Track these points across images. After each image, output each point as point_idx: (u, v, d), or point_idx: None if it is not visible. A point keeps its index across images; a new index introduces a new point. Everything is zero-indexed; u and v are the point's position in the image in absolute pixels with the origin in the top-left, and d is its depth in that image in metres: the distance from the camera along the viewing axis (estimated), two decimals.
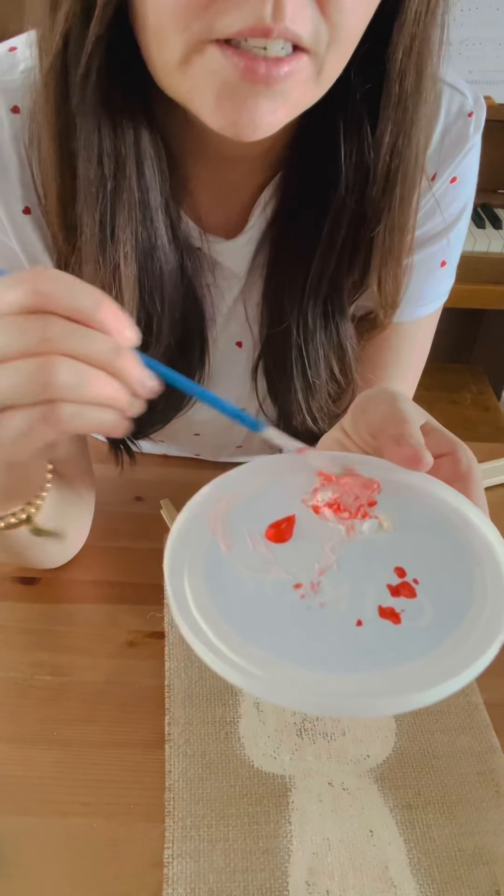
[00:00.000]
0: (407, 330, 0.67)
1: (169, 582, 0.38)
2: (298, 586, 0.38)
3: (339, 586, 0.38)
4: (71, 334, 0.36)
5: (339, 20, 0.40)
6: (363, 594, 0.38)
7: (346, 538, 0.41)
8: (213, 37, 0.39)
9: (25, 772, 0.52)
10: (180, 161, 0.54)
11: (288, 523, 0.41)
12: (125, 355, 0.38)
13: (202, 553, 0.40)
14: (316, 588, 0.38)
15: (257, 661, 0.34)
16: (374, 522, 0.41)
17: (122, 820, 0.49)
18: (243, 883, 0.46)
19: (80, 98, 0.46)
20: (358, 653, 0.35)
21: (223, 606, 0.37)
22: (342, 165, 0.52)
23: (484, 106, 0.59)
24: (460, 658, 0.34)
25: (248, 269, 0.61)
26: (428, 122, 0.52)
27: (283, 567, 0.39)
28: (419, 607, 0.37)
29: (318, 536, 0.41)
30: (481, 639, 0.35)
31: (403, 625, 0.36)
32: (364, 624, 0.36)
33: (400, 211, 0.54)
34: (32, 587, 0.65)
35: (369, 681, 0.34)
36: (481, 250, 1.59)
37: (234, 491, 0.43)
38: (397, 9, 0.45)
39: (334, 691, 0.33)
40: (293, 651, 0.35)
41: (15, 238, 0.56)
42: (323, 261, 0.56)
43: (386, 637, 0.36)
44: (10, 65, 0.53)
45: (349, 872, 0.47)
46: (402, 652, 0.35)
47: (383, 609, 0.37)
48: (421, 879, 0.47)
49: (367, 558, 0.40)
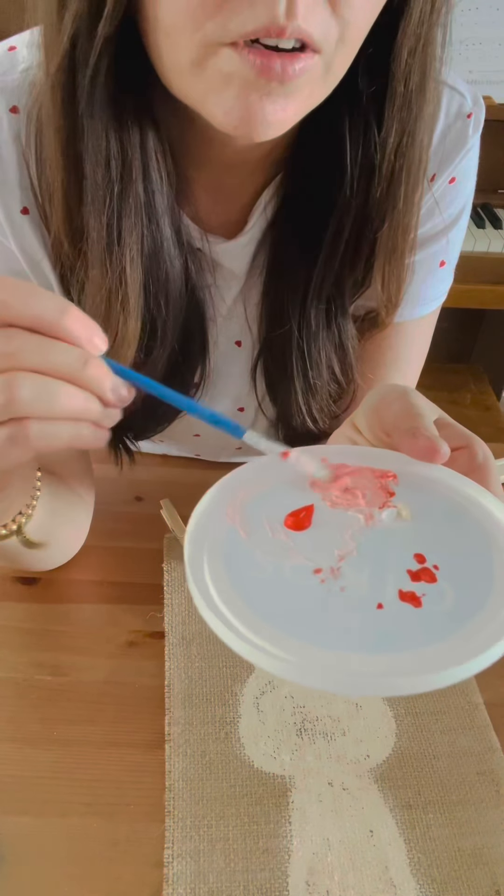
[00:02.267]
0: (406, 329, 0.67)
1: (189, 568, 0.37)
2: (318, 571, 0.38)
3: (359, 572, 0.38)
4: (33, 347, 0.35)
5: (349, 17, 0.40)
6: (383, 579, 0.38)
7: (366, 526, 0.41)
8: (228, 39, 0.39)
9: (25, 772, 0.52)
10: (181, 162, 0.54)
11: (307, 512, 0.41)
12: (93, 364, 0.36)
13: (221, 540, 0.39)
14: (336, 573, 0.38)
15: (283, 644, 0.34)
16: (393, 511, 0.41)
17: (122, 820, 0.49)
18: (243, 883, 0.46)
19: (88, 100, 0.45)
20: (381, 634, 0.35)
21: (244, 591, 0.37)
22: (347, 166, 0.52)
23: (483, 106, 0.59)
24: (487, 637, 0.34)
25: (248, 270, 0.61)
26: (431, 122, 0.52)
27: (302, 553, 0.39)
28: (440, 592, 0.37)
29: (338, 525, 0.41)
30: (497, 629, 0.35)
31: (425, 608, 0.36)
32: (385, 607, 0.36)
33: (404, 210, 0.54)
34: (32, 587, 0.65)
35: (398, 660, 0.34)
36: (481, 250, 1.59)
37: (251, 483, 0.43)
38: (403, 10, 0.45)
39: (363, 671, 0.33)
40: (316, 633, 0.35)
41: (13, 238, 0.56)
42: (327, 261, 0.56)
43: (408, 619, 0.36)
44: (10, 65, 0.53)
45: (349, 872, 0.47)
46: (426, 633, 0.35)
47: (404, 593, 0.37)
48: (421, 879, 0.47)
49: (387, 545, 0.40)
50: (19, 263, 0.57)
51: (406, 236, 0.56)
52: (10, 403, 0.35)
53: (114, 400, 0.38)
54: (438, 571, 0.38)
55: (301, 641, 0.34)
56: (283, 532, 0.40)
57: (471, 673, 0.33)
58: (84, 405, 0.37)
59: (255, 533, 0.40)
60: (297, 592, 0.37)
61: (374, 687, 0.34)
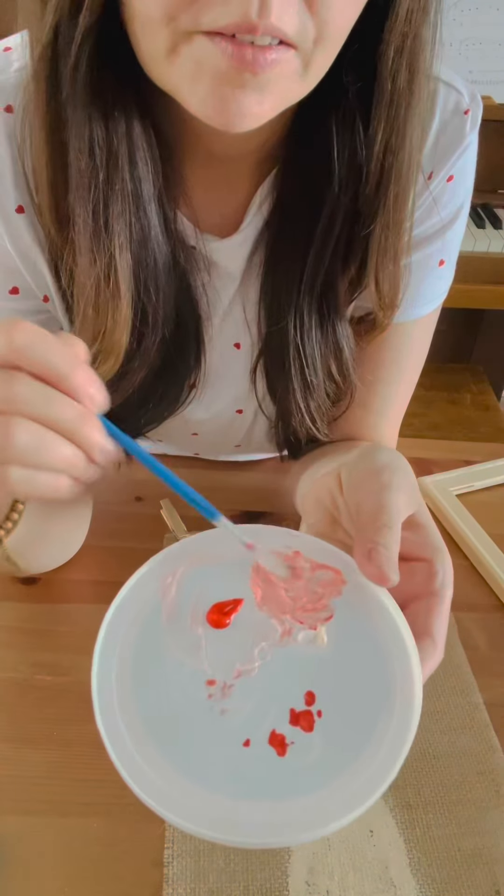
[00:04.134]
0: (406, 329, 0.66)
1: (100, 649, 0.39)
2: (211, 683, 0.39)
3: (246, 698, 0.38)
4: (37, 397, 0.36)
5: (326, 17, 0.40)
6: (265, 712, 0.38)
7: (279, 642, 0.40)
8: (200, 29, 0.39)
9: (25, 772, 0.52)
10: (174, 159, 0.54)
11: (233, 607, 0.41)
12: (90, 423, 0.37)
13: (143, 619, 0.41)
14: (226, 691, 0.39)
15: (151, 761, 0.36)
16: (311, 634, 0.41)
17: (121, 820, 0.49)
18: (243, 883, 0.46)
19: (71, 89, 0.46)
20: (235, 775, 0.36)
21: (141, 695, 0.38)
22: (335, 163, 0.52)
23: (480, 104, 0.59)
24: (321, 815, 0.34)
25: (245, 269, 0.61)
26: (422, 121, 0.52)
27: (207, 658, 0.40)
28: (309, 744, 0.37)
29: (253, 633, 0.41)
30: (351, 797, 0.35)
31: (287, 758, 0.36)
32: (251, 746, 0.37)
33: (395, 209, 0.53)
34: (32, 587, 0.65)
35: (235, 807, 0.35)
36: (481, 250, 1.59)
37: (200, 554, 0.43)
38: (388, 7, 0.45)
39: (201, 811, 0.35)
40: (182, 760, 0.36)
41: (7, 237, 0.56)
42: (317, 259, 0.56)
43: (265, 767, 0.36)
44: (5, 64, 0.53)
45: (349, 872, 0.47)
46: (275, 787, 0.35)
47: (275, 735, 0.37)
48: (421, 879, 0.47)
49: (287, 673, 0.39)
50: (13, 261, 0.57)
51: (399, 236, 0.55)
52: (3, 449, 0.35)
53: (99, 457, 0.39)
54: (319, 719, 0.38)
55: (166, 762, 0.36)
56: (202, 625, 0.41)
57: (287, 843, 0.35)
58: (71, 460, 0.38)
59: (176, 619, 0.41)
60: (184, 705, 0.38)
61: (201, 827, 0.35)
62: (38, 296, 0.60)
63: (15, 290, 0.59)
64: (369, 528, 0.42)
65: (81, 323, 0.54)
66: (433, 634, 0.42)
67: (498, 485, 0.82)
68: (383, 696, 0.38)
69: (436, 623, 0.42)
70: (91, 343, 0.54)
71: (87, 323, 0.54)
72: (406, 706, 0.37)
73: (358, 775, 0.35)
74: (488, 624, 0.66)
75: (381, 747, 0.36)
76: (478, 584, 0.70)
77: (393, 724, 0.37)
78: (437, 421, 1.60)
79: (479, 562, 0.71)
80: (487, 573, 0.70)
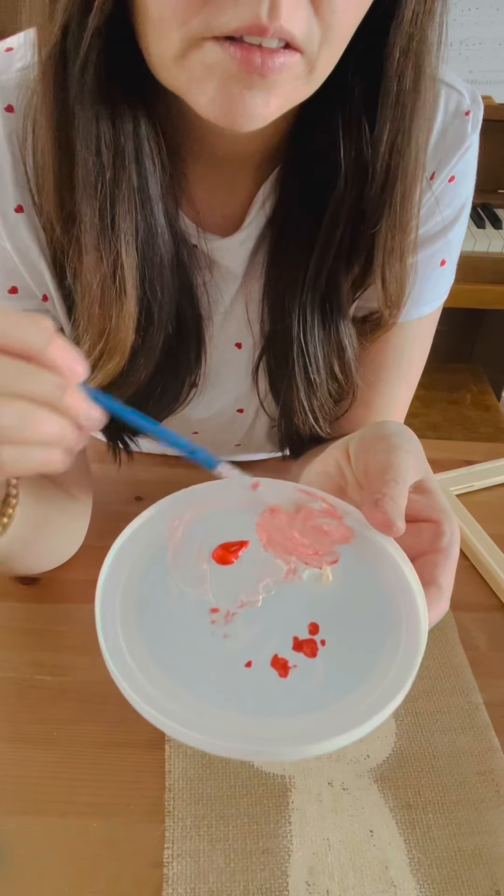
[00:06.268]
0: (408, 329, 0.67)
1: (105, 577, 0.39)
2: (215, 611, 0.39)
3: (250, 625, 0.39)
4: (15, 374, 0.36)
5: (332, 20, 0.41)
6: (268, 638, 0.38)
7: (283, 579, 0.41)
8: (211, 34, 0.39)
9: (25, 772, 0.52)
10: (177, 158, 0.54)
11: (238, 547, 0.42)
12: (71, 392, 0.38)
13: (148, 555, 0.41)
14: (229, 618, 0.39)
15: (155, 681, 0.36)
16: (316, 572, 0.41)
17: (122, 820, 0.49)
18: (243, 883, 0.46)
19: (78, 89, 0.46)
20: (235, 691, 0.36)
21: (143, 618, 0.38)
22: (341, 162, 0.52)
23: (481, 104, 0.59)
24: (321, 730, 0.34)
25: (247, 268, 0.61)
26: (427, 122, 0.52)
27: (211, 588, 0.40)
28: (311, 669, 0.37)
29: (259, 570, 0.41)
30: (349, 721, 0.35)
31: (289, 680, 0.37)
32: (252, 667, 0.37)
33: (401, 209, 0.54)
34: (32, 587, 0.65)
35: (236, 721, 0.35)
36: (481, 250, 1.59)
37: (208, 501, 0.43)
38: (394, 8, 0.45)
39: (203, 723, 0.35)
40: (184, 676, 0.36)
41: (7, 236, 0.56)
42: (320, 258, 0.56)
43: (266, 685, 0.36)
44: (6, 64, 0.53)
45: (349, 872, 0.47)
46: (277, 703, 0.36)
47: (277, 658, 0.37)
48: (421, 879, 0.47)
49: (291, 605, 0.40)
50: (12, 261, 0.57)
51: (405, 236, 0.55)
52: None
53: (86, 423, 0.39)
54: (322, 648, 0.38)
55: (171, 682, 0.36)
56: (207, 561, 0.41)
57: (288, 757, 0.34)
58: (60, 430, 0.38)
59: (181, 555, 0.41)
60: (186, 628, 0.38)
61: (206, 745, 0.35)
62: (36, 295, 0.60)
63: (14, 289, 0.59)
64: (377, 482, 0.42)
65: (87, 321, 0.55)
66: (440, 583, 0.42)
67: (498, 485, 0.82)
68: (388, 630, 0.38)
69: (442, 573, 0.42)
70: (96, 341, 0.55)
71: (93, 321, 0.54)
72: (412, 639, 0.37)
73: (363, 698, 0.36)
74: (488, 624, 0.66)
75: (386, 675, 0.36)
76: (478, 584, 0.70)
77: (399, 655, 0.37)
78: (437, 421, 1.60)
79: (479, 562, 0.71)
80: (487, 573, 0.70)
